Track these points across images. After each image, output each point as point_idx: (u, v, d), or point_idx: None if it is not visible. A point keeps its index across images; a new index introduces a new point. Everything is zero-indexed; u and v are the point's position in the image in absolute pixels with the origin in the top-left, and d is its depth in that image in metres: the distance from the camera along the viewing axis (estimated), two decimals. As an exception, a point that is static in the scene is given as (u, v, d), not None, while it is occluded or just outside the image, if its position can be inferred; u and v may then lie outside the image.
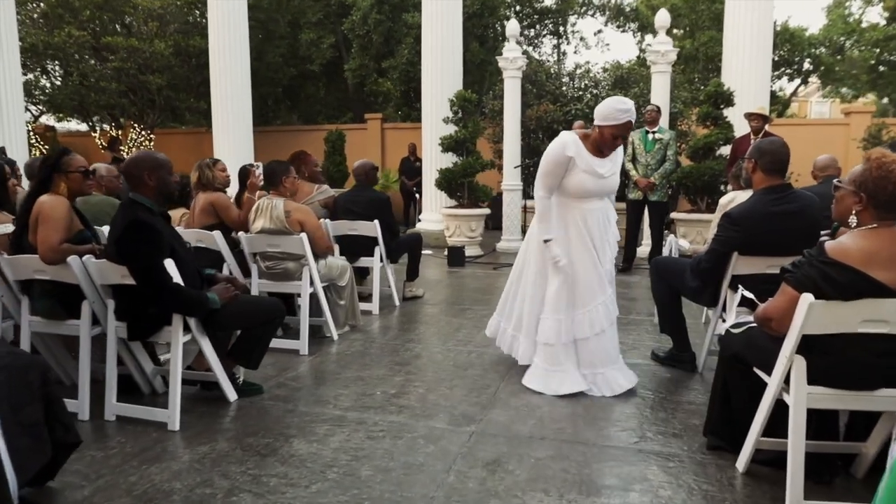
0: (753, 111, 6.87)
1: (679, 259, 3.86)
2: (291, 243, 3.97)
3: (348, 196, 5.25)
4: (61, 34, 11.44)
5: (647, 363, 3.94)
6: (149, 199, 2.88)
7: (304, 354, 4.06)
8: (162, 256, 2.73)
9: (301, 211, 4.04)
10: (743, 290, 2.85)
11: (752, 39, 8.58)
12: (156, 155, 2.92)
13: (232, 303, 3.01)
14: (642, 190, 7.11)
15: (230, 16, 9.93)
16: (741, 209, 3.20)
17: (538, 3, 14.51)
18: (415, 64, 11.87)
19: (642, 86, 9.11)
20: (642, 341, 4.46)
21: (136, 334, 2.92)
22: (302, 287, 4.06)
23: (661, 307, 3.88)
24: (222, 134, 10.26)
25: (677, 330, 3.84)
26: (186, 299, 2.78)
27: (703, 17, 12.62)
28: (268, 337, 3.19)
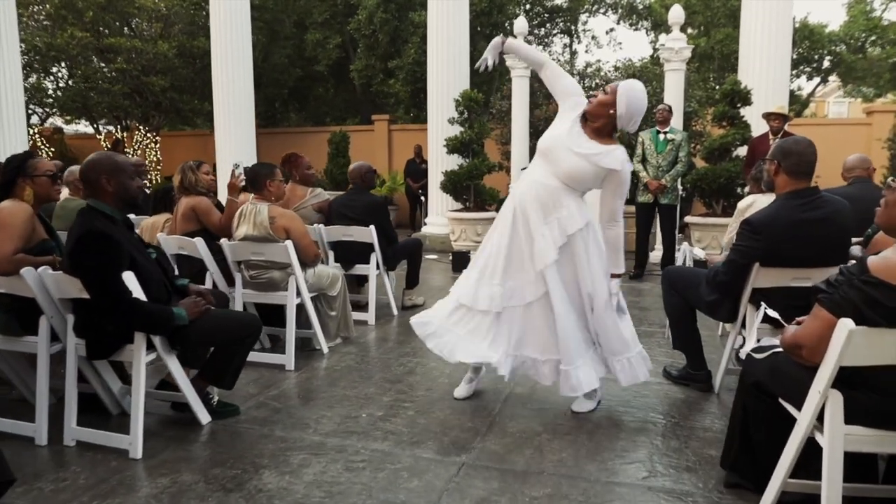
0: (773, 110, 6.54)
1: (694, 269, 3.56)
2: (276, 251, 3.71)
3: (343, 200, 4.99)
4: (64, 35, 11.31)
5: (659, 381, 3.64)
6: (108, 206, 2.63)
7: (290, 370, 3.80)
8: (119, 269, 2.48)
9: (286, 217, 3.78)
10: (766, 308, 2.54)
11: (770, 36, 8.21)
12: (115, 157, 2.67)
13: (202, 317, 2.76)
14: (653, 192, 6.80)
15: (232, 16, 9.72)
16: (763, 216, 2.89)
17: (549, 2, 14.20)
18: (422, 64, 11.61)
19: (655, 84, 8.77)
20: (654, 356, 4.12)
21: (96, 353, 2.67)
22: (288, 298, 3.80)
23: (674, 321, 3.58)
24: (224, 136, 10.06)
25: (691, 346, 3.54)
26: (147, 315, 2.52)
27: (718, 14, 12.24)
28: (242, 355, 2.93)
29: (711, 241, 7.57)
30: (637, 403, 3.30)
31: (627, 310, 3.14)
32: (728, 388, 3.49)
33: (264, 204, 3.77)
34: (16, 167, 2.84)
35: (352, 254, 4.93)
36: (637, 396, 3.40)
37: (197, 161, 4.40)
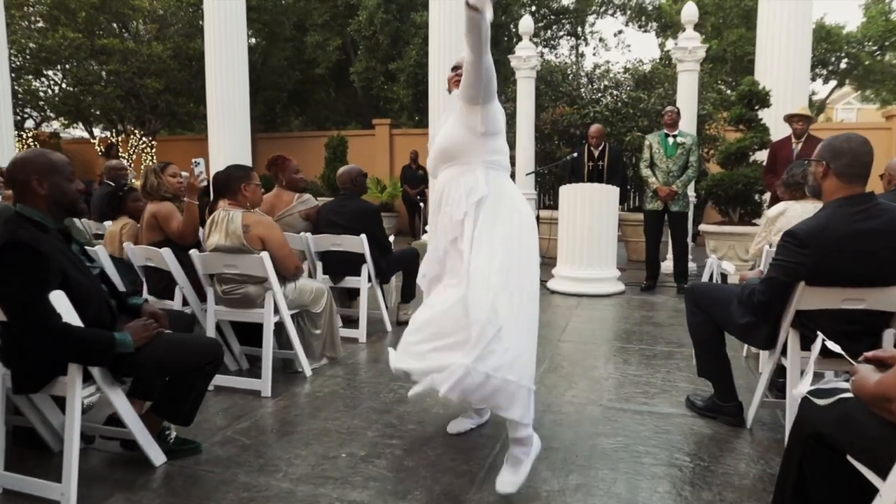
0: (796, 111, 6.11)
1: (722, 286, 3.13)
2: (251, 263, 3.31)
3: (332, 206, 4.59)
4: (55, 36, 10.98)
5: (682, 413, 3.21)
6: (40, 212, 2.23)
7: (267, 396, 3.39)
8: (45, 288, 2.07)
9: (262, 224, 3.37)
10: (826, 340, 2.12)
11: (789, 34, 7.78)
12: (50, 155, 2.27)
13: (152, 342, 2.35)
14: (663, 199, 6.38)
15: (227, 17, 9.37)
16: (811, 226, 2.46)
17: (555, 3, 13.82)
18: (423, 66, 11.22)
19: (667, 86, 8.35)
20: (674, 381, 3.72)
21: (23, 386, 2.26)
22: (265, 316, 3.39)
23: (700, 345, 3.15)
24: (218, 140, 9.70)
25: (720, 374, 3.10)
26: (79, 343, 2.12)
27: (731, 15, 11.82)
28: (201, 385, 2.52)
29: (728, 251, 7.14)
30: (658, 441, 2.87)
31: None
32: (762, 422, 3.07)
33: (238, 210, 3.37)
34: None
35: (342, 265, 4.52)
36: (657, 432, 2.97)
37: (163, 163, 4.02)
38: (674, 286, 6.77)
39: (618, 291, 6.49)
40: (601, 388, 3.59)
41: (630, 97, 8.06)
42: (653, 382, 3.69)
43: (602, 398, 3.42)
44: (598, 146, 7.19)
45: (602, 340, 4.68)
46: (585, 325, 5.15)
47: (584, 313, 5.57)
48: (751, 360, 4.16)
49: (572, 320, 5.29)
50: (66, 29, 11.06)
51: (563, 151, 8.59)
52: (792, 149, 6.16)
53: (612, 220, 6.56)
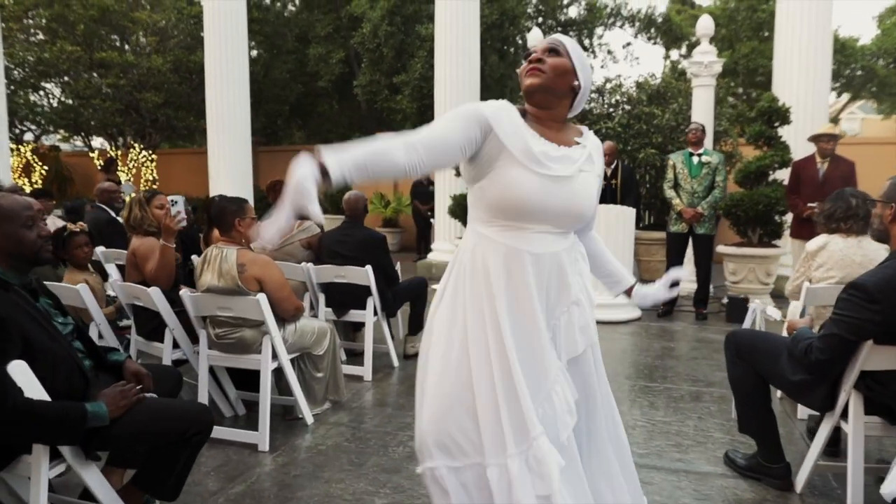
0: (823, 131, 5.81)
1: (768, 336, 2.83)
2: (246, 306, 3.02)
3: (336, 235, 4.30)
4: (53, 49, 10.76)
5: (722, 472, 2.90)
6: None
7: (265, 451, 3.09)
8: (3, 359, 1.78)
9: (259, 263, 3.08)
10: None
11: (807, 51, 7.50)
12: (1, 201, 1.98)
13: (132, 410, 2.06)
14: (688, 221, 6.08)
15: (228, 29, 9.14)
16: (880, 279, 2.17)
17: (562, 15, 13.58)
18: (428, 79, 10.97)
19: (681, 101, 8.08)
20: (707, 430, 3.41)
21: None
22: (262, 363, 3.10)
23: (742, 400, 2.84)
24: (218, 155, 9.44)
25: (765, 432, 2.80)
26: (43, 420, 1.82)
27: (743, 27, 11.58)
28: (188, 457, 2.22)
29: (748, 274, 6.84)
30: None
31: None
32: (812, 485, 2.75)
33: (232, 248, 3.08)
34: None
35: (346, 297, 4.23)
36: (698, 497, 2.67)
37: (150, 191, 3.70)
38: (691, 311, 6.47)
39: (634, 318, 6.19)
40: (630, 439, 3.26)
41: (643, 113, 7.78)
42: (684, 432, 3.39)
43: (632, 454, 3.10)
44: (611, 164, 6.92)
45: (624, 378, 4.37)
46: (604, 359, 4.81)
47: (602, 345, 5.17)
48: (785, 402, 3.85)
49: (590, 353, 4.98)
50: (64, 42, 10.84)
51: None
52: (817, 168, 5.87)
53: (628, 242, 6.27)
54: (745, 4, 11.46)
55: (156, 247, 3.38)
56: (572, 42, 1.71)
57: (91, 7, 10.96)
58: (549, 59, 1.65)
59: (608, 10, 13.35)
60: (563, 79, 1.66)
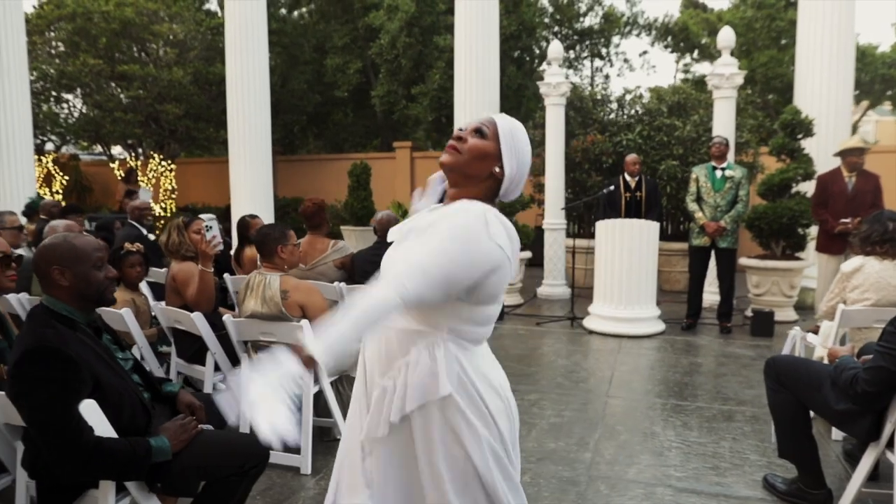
0: (853, 145, 5.77)
1: (810, 363, 2.85)
2: (289, 331, 3.06)
3: (368, 256, 4.34)
4: (76, 63, 10.92)
5: (762, 497, 2.91)
6: (66, 305, 2.01)
7: (307, 474, 3.14)
8: (74, 399, 1.84)
9: (302, 290, 3.13)
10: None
11: (829, 59, 7.48)
12: (73, 241, 2.03)
13: (191, 443, 2.11)
14: (710, 235, 6.08)
15: (249, 41, 9.25)
16: (930, 313, 2.19)
17: (578, 24, 13.61)
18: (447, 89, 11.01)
19: (702, 112, 8.08)
20: (742, 452, 3.43)
21: (49, 500, 2.02)
22: (304, 387, 3.15)
23: (783, 425, 2.86)
24: (240, 165, 9.52)
25: (806, 457, 2.82)
26: (112, 459, 1.87)
27: (761, 36, 11.55)
28: (245, 488, 2.27)
29: (771, 287, 6.84)
30: (744, 537, 2.58)
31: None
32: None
33: (275, 274, 3.13)
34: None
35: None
36: (741, 524, 2.69)
37: (189, 217, 3.76)
38: (714, 324, 6.46)
39: (658, 331, 6.19)
40: (666, 461, 3.31)
41: (664, 124, 7.78)
42: (720, 454, 3.40)
43: (670, 476, 3.13)
44: (636, 175, 6.93)
45: (654, 396, 4.38)
46: (633, 376, 4.86)
47: (629, 360, 5.28)
48: (819, 423, 3.84)
49: (617, 369, 5.01)
50: (86, 55, 10.99)
51: (593, 180, 8.31)
52: (846, 182, 5.83)
53: (652, 257, 6.28)
54: (764, 13, 11.45)
55: (195, 271, 3.43)
56: (509, 125, 1.57)
57: (113, 21, 11.11)
58: (472, 139, 1.55)
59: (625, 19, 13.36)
60: (481, 163, 1.55)
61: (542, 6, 12.84)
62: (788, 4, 11.36)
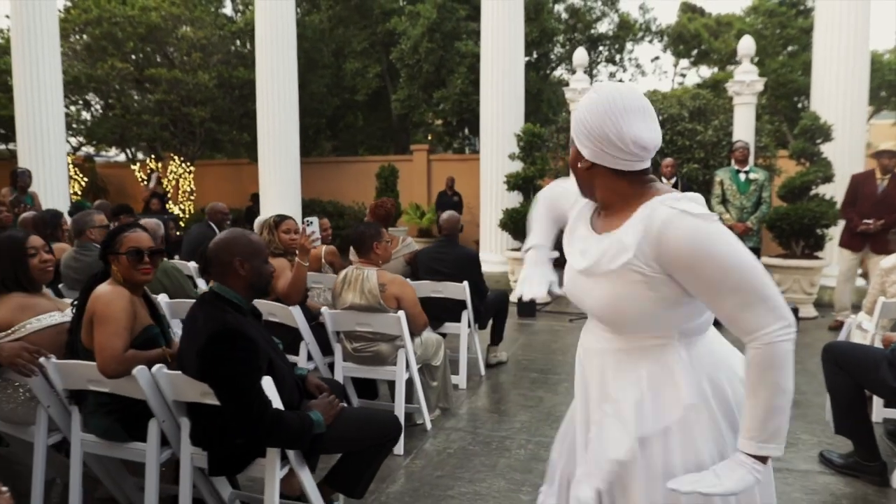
0: (888, 147, 6.02)
1: (867, 348, 3.14)
2: (386, 322, 3.33)
3: (433, 253, 4.62)
4: (105, 66, 11.15)
5: (821, 471, 3.20)
6: (236, 294, 2.27)
7: (399, 455, 3.39)
8: (259, 376, 2.10)
9: (397, 283, 3.40)
10: None
11: (846, 69, 7.79)
12: (251, 237, 2.30)
13: (336, 421, 2.37)
14: (738, 235, 6.36)
15: (278, 45, 9.50)
16: None
17: (593, 30, 13.94)
18: (468, 94, 11.30)
19: (722, 118, 8.40)
20: (795, 433, 3.70)
21: (221, 468, 2.28)
22: (397, 374, 3.41)
23: (840, 404, 3.14)
24: (269, 167, 9.77)
25: (862, 433, 3.10)
26: (288, 429, 2.13)
27: (773, 43, 11.91)
28: (378, 462, 2.53)
29: (792, 285, 7.14)
30: (811, 501, 2.87)
31: None
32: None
33: (372, 269, 3.40)
34: (105, 243, 2.47)
35: (441, 311, 4.53)
36: (807, 492, 2.97)
37: (279, 216, 4.02)
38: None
39: (688, 327, 6.48)
40: (727, 442, 3.59)
41: (686, 129, 8.09)
42: (774, 435, 3.68)
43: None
44: (671, 178, 7.23)
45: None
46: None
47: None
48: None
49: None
50: (113, 59, 11.22)
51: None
52: (877, 185, 6.03)
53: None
54: (775, 21, 11.81)
55: (285, 266, 3.69)
56: (574, 116, 1.44)
57: (139, 25, 11.34)
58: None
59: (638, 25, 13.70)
60: (579, 170, 1.46)
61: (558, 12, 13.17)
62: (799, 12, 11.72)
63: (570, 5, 13.37)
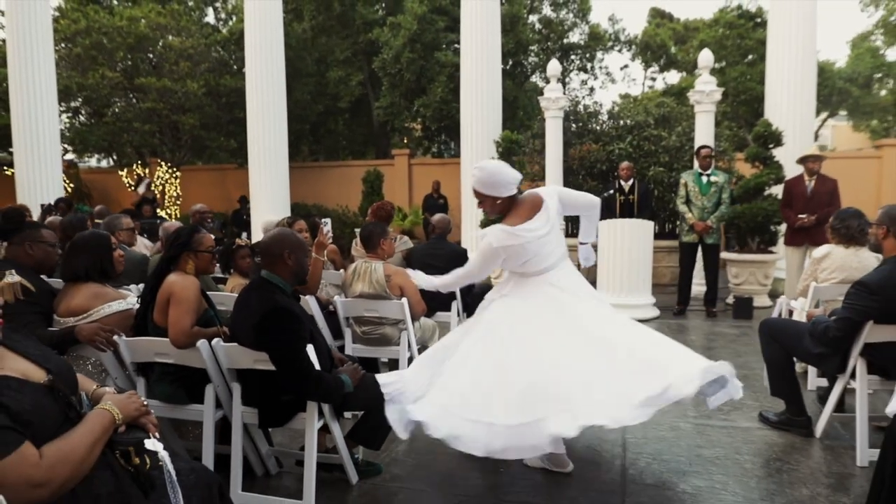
0: (811, 153, 6.79)
1: (794, 322, 3.77)
2: (391, 308, 3.88)
3: (427, 250, 5.17)
4: (95, 75, 11.48)
5: (759, 427, 3.83)
6: (283, 280, 2.79)
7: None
8: (305, 343, 2.63)
9: (400, 274, 3.95)
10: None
11: (795, 79, 8.59)
12: (297, 235, 2.84)
13: (359, 384, 2.91)
14: (699, 233, 7.04)
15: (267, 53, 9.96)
16: (879, 278, 3.11)
17: (565, 40, 14.64)
18: (448, 102, 11.85)
19: (685, 124, 9.10)
20: (740, 400, 4.31)
21: (269, 421, 2.81)
22: (400, 352, 3.96)
23: (774, 370, 3.77)
24: (258, 171, 10.23)
25: (792, 393, 3.73)
26: (327, 387, 2.67)
27: (731, 53, 12.71)
28: (389, 420, 3.07)
29: (749, 277, 7.84)
30: (750, 450, 3.49)
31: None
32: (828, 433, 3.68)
33: (378, 262, 3.95)
34: (183, 242, 2.98)
35: (433, 302, 5.06)
36: (746, 442, 3.59)
37: (291, 218, 4.53)
38: (702, 310, 7.41)
39: (654, 316, 7.12)
40: (683, 407, 4.19)
41: (651, 135, 8.77)
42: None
43: (687, 416, 4.03)
44: (628, 180, 7.87)
45: (662, 364, 5.29)
46: (641, 350, 5.75)
47: (635, 338, 6.18)
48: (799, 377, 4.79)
49: (627, 345, 5.90)
50: (103, 68, 11.55)
51: (588, 185, 9.25)
52: (806, 186, 6.81)
53: (647, 251, 7.20)
54: (735, 32, 12.62)
55: None
56: (480, 182, 3.11)
57: (128, 35, 11.69)
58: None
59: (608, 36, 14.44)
60: (496, 206, 3.13)
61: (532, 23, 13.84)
62: (756, 25, 12.54)
63: (543, 17, 14.09)
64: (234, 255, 4.29)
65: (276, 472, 3.25)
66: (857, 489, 3.00)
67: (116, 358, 2.99)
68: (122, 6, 12.64)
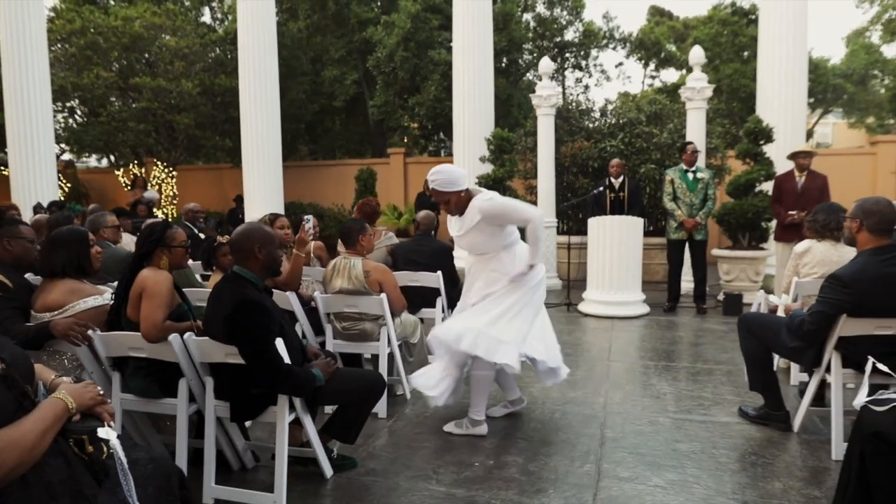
0: (802, 149, 6.79)
1: (771, 316, 3.77)
2: (370, 303, 3.89)
3: (411, 246, 5.18)
4: (90, 75, 11.51)
5: (738, 422, 3.83)
6: (254, 274, 2.81)
7: (383, 418, 3.95)
8: (274, 337, 2.64)
9: (379, 270, 3.96)
10: (875, 361, 2.75)
11: (787, 75, 8.59)
12: (265, 228, 2.85)
13: (332, 378, 2.92)
14: (688, 230, 7.04)
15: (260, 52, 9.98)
16: (851, 271, 3.12)
17: (559, 38, 14.65)
18: (441, 100, 11.86)
19: (676, 121, 9.09)
20: (722, 395, 4.34)
21: (240, 415, 2.83)
22: (380, 348, 3.97)
23: (752, 364, 3.77)
24: (252, 170, 10.25)
25: (770, 388, 3.74)
26: (296, 380, 2.68)
27: (726, 50, 12.71)
28: (367, 411, 3.09)
29: (740, 273, 7.84)
30: (726, 444, 3.49)
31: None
32: (805, 427, 3.69)
33: (357, 258, 3.96)
34: (156, 238, 3.00)
35: (418, 298, 5.08)
36: (724, 437, 3.59)
37: (273, 214, 4.54)
38: (691, 307, 7.41)
39: (644, 313, 7.12)
40: (663, 402, 4.21)
41: (643, 132, 8.77)
42: (704, 396, 4.31)
43: (668, 410, 4.04)
44: (618, 177, 7.87)
45: (647, 360, 5.30)
46: (627, 347, 5.77)
47: (622, 335, 6.20)
48: (781, 372, 4.79)
49: (614, 342, 5.91)
50: (98, 68, 11.58)
51: (580, 182, 9.26)
52: (796, 181, 6.82)
53: (637, 248, 7.21)
54: (729, 29, 12.61)
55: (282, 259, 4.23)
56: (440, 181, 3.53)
57: (122, 35, 11.72)
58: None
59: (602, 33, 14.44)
60: (461, 199, 3.56)
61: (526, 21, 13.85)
62: (750, 21, 12.52)
63: (537, 15, 14.10)
64: (216, 252, 4.30)
65: (253, 467, 3.26)
66: (829, 482, 3.00)
67: (92, 353, 3.01)
68: (118, 6, 12.65)
